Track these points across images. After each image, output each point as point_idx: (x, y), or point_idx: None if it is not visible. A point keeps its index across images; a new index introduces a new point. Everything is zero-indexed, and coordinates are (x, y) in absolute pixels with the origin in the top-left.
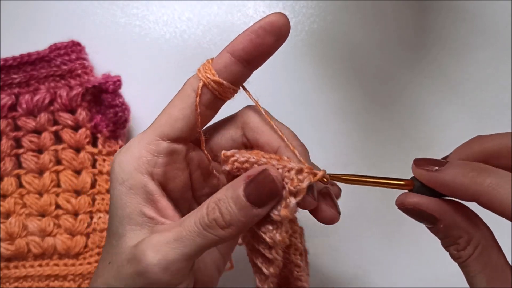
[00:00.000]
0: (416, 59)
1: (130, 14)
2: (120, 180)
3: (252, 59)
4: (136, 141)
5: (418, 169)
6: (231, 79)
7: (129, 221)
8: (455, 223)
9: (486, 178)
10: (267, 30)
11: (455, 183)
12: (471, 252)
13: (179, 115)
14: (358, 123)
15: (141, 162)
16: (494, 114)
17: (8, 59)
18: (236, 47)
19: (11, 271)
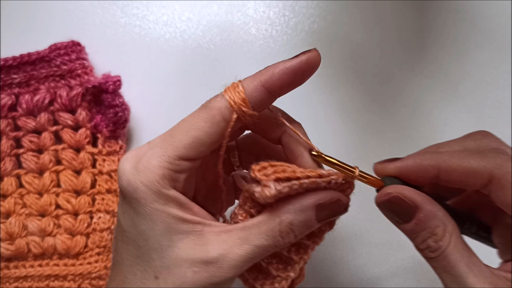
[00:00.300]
0: (416, 59)
1: (130, 14)
2: (150, 199)
3: (283, 92)
4: (155, 157)
5: (382, 164)
6: (260, 108)
7: (174, 231)
8: (433, 212)
9: (442, 152)
10: (305, 70)
11: (417, 164)
12: (448, 240)
13: (206, 141)
14: (358, 123)
15: (166, 180)
16: (494, 114)
17: (8, 59)
18: (273, 83)
19: (11, 271)
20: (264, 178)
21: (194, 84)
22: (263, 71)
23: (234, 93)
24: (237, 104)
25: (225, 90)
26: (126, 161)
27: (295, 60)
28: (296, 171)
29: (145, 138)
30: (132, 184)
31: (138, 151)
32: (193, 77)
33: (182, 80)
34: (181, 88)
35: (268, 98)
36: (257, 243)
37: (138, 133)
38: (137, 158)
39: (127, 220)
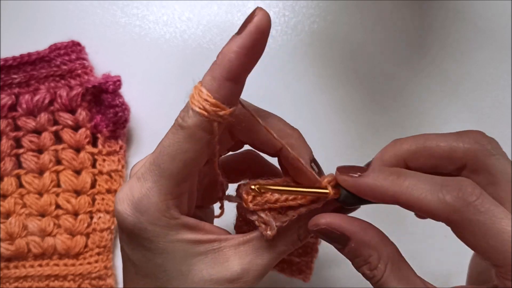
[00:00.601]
0: (416, 59)
1: (130, 14)
2: (161, 235)
3: (248, 74)
4: (153, 194)
5: (341, 176)
6: (233, 102)
7: (192, 255)
8: (365, 241)
9: (405, 180)
10: (260, 39)
11: (376, 186)
12: (383, 269)
13: (196, 159)
14: (358, 123)
15: (171, 210)
16: (494, 114)
17: (8, 59)
18: (235, 71)
19: (11, 271)
20: (258, 209)
21: (194, 84)
22: (219, 62)
23: (202, 101)
24: (211, 112)
25: (191, 100)
26: (123, 204)
27: (244, 35)
28: (288, 199)
29: (145, 138)
30: (138, 226)
31: (131, 190)
32: (193, 77)
33: (182, 80)
34: (181, 88)
35: (236, 87)
36: (277, 250)
37: (138, 133)
38: (133, 199)
39: (138, 256)
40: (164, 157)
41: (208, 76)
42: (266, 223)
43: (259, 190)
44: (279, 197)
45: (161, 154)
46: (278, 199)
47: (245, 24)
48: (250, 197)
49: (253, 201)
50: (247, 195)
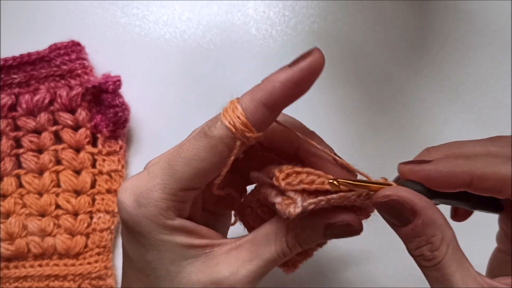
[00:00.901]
0: (416, 59)
1: (130, 14)
2: (155, 232)
3: (286, 106)
4: (157, 190)
5: (406, 165)
6: (263, 128)
7: (182, 258)
8: (432, 219)
9: (475, 161)
10: (309, 78)
11: (449, 171)
12: (445, 250)
13: (209, 170)
14: (358, 122)
15: (170, 211)
16: (494, 114)
17: (8, 59)
18: (275, 100)
19: (11, 271)
20: (289, 188)
21: (194, 84)
22: (262, 87)
23: (234, 117)
24: (239, 130)
25: (223, 113)
26: (125, 193)
27: (296, 69)
28: (325, 182)
29: (145, 138)
30: (134, 218)
31: (138, 182)
32: (193, 77)
33: (182, 80)
34: (181, 88)
35: (271, 116)
36: (266, 257)
37: (138, 133)
38: (137, 190)
39: (133, 250)
40: (179, 159)
41: (247, 96)
42: (292, 200)
43: (338, 183)
44: (314, 178)
45: (177, 155)
46: (313, 180)
47: (299, 59)
48: (283, 175)
49: (286, 179)
50: (279, 172)
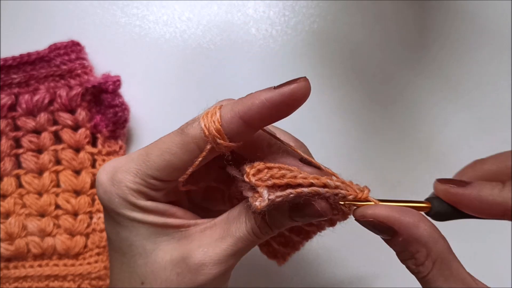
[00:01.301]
0: (416, 59)
1: (130, 14)
2: (127, 210)
3: (264, 125)
4: (130, 172)
5: (443, 185)
6: (238, 140)
7: (158, 235)
8: (414, 236)
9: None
10: (288, 104)
11: (484, 197)
12: (430, 266)
13: (179, 166)
14: (358, 122)
15: (141, 194)
16: (494, 114)
17: (8, 59)
18: (251, 116)
19: (10, 271)
20: (259, 184)
21: (194, 84)
22: (244, 100)
23: (210, 122)
24: (211, 134)
25: (204, 116)
26: (103, 171)
27: (277, 92)
28: (297, 176)
29: (145, 138)
30: (108, 195)
31: (117, 163)
32: (193, 77)
33: (182, 80)
34: (181, 88)
35: (246, 130)
36: (237, 235)
37: (138, 133)
38: (113, 170)
39: (110, 228)
40: (155, 149)
41: (228, 106)
42: (259, 194)
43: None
44: (285, 173)
45: (155, 144)
46: (284, 175)
47: (286, 83)
48: (254, 170)
49: (256, 175)
50: (250, 168)
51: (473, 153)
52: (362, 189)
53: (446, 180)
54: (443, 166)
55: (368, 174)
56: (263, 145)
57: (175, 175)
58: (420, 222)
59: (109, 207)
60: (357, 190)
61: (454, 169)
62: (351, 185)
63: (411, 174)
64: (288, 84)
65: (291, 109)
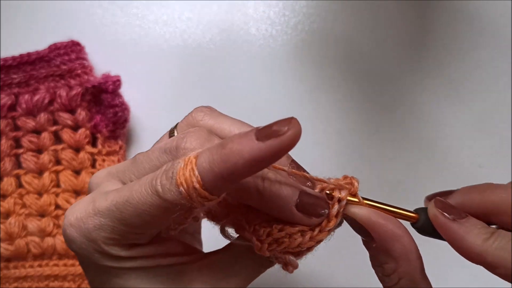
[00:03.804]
0: (416, 59)
1: (130, 14)
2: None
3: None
4: (105, 230)
5: (436, 211)
6: (220, 194)
7: (152, 276)
8: (387, 249)
9: (495, 241)
10: (277, 157)
11: (466, 240)
12: (396, 281)
13: (160, 225)
14: (358, 123)
15: (122, 247)
16: (494, 114)
17: (8, 59)
18: (237, 177)
19: (10, 271)
20: (277, 254)
21: (193, 84)
22: (224, 158)
23: (191, 186)
24: (195, 200)
25: (179, 176)
26: (70, 227)
27: (264, 147)
28: (314, 236)
29: (144, 138)
30: (85, 251)
31: (83, 216)
32: (193, 77)
33: (182, 80)
34: (181, 88)
35: (230, 186)
36: (245, 274)
37: (138, 133)
38: (84, 227)
39: (95, 279)
40: (129, 208)
41: (206, 164)
42: (287, 263)
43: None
44: (301, 240)
45: (127, 203)
46: (301, 243)
47: (270, 131)
48: (265, 246)
49: (269, 249)
50: (260, 243)
51: (473, 153)
52: (350, 182)
53: (442, 204)
54: (443, 165)
55: (368, 174)
56: (252, 193)
57: (155, 229)
58: (398, 237)
59: (90, 260)
60: (347, 186)
61: (454, 169)
62: (339, 186)
63: (411, 174)
64: (276, 135)
65: (278, 159)
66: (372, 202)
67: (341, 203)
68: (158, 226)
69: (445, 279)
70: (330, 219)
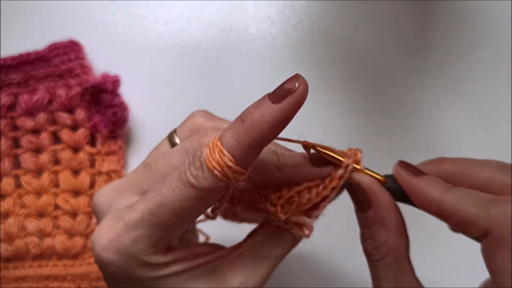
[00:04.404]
0: (416, 58)
1: (130, 14)
2: (150, 273)
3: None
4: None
5: (400, 169)
6: (250, 165)
7: (187, 281)
8: (382, 218)
9: (453, 193)
10: (295, 112)
11: (426, 191)
12: (384, 254)
13: (197, 215)
14: (359, 123)
15: (160, 253)
16: (494, 114)
17: (7, 59)
18: (264, 142)
19: (10, 271)
20: (290, 216)
21: (193, 84)
22: (248, 129)
23: (224, 166)
24: (231, 178)
25: (209, 159)
26: (106, 251)
27: (283, 107)
28: (320, 192)
29: (144, 138)
30: (125, 271)
31: (116, 236)
32: (193, 77)
33: (181, 80)
34: (181, 88)
35: (259, 153)
36: (274, 256)
37: (137, 133)
38: (119, 245)
39: None
40: (165, 210)
41: (233, 140)
42: (302, 224)
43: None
44: (309, 195)
45: (161, 206)
46: (310, 198)
47: (283, 91)
48: (279, 208)
49: (283, 211)
50: (274, 207)
51: (473, 153)
52: (355, 152)
53: (405, 164)
54: None
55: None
56: (273, 170)
57: (191, 222)
58: (394, 208)
59: (130, 278)
60: (351, 154)
61: None
62: (348, 153)
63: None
64: (290, 93)
65: (294, 115)
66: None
67: (347, 168)
68: (195, 219)
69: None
70: (333, 179)
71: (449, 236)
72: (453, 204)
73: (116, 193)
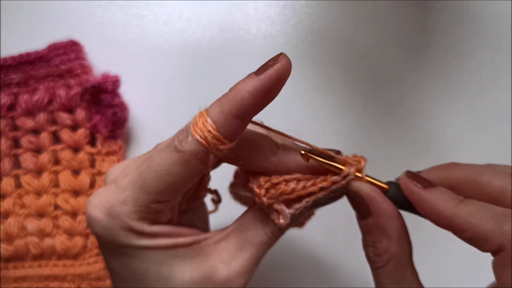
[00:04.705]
0: (416, 58)
1: (130, 14)
2: (134, 240)
3: (255, 114)
4: (129, 203)
5: (408, 180)
6: (235, 137)
7: (170, 258)
8: (382, 227)
9: (466, 206)
10: (277, 85)
11: (437, 205)
12: (385, 261)
13: (182, 184)
14: (359, 123)
15: (145, 221)
16: (494, 114)
17: (7, 59)
18: (245, 110)
19: (10, 271)
20: (272, 202)
21: (193, 84)
22: (231, 97)
23: (205, 131)
24: (211, 144)
25: (194, 127)
26: (95, 208)
27: (263, 78)
28: (307, 186)
29: (144, 138)
30: (110, 231)
31: (106, 196)
32: (193, 77)
33: (181, 80)
34: (181, 88)
35: (241, 126)
36: (258, 241)
37: (137, 133)
38: (107, 204)
39: (117, 262)
40: (151, 173)
41: (216, 108)
42: (279, 212)
43: (307, 156)
44: (295, 186)
45: (148, 169)
46: (294, 189)
47: (266, 66)
48: (263, 191)
49: (267, 195)
50: (259, 189)
51: (473, 153)
52: (358, 160)
53: (413, 175)
54: None
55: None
56: (267, 155)
57: (177, 193)
58: (394, 216)
59: (113, 242)
60: (354, 162)
61: None
62: (350, 161)
63: None
64: (271, 66)
65: (279, 90)
66: (320, 158)
67: (346, 177)
68: (179, 189)
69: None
70: (325, 179)
71: (449, 237)
72: (466, 218)
73: (123, 170)
